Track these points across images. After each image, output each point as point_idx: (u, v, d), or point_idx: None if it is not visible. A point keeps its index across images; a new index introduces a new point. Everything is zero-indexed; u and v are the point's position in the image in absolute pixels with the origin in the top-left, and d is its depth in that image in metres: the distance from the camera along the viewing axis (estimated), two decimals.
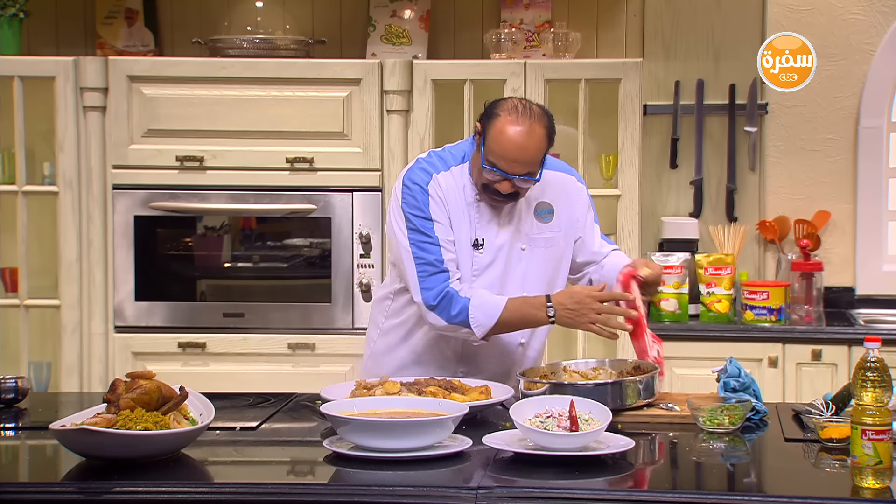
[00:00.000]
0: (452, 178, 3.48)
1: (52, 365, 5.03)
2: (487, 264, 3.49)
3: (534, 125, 3.33)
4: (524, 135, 3.32)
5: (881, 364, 2.59)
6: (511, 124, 3.32)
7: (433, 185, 3.45)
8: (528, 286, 3.51)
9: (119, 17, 5.40)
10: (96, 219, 4.99)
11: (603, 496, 2.59)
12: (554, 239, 3.55)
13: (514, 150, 3.32)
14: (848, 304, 5.29)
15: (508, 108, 3.35)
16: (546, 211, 3.54)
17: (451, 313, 3.38)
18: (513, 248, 3.51)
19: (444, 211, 3.44)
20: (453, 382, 3.28)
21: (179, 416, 2.88)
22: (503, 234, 3.49)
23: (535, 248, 3.52)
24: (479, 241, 3.48)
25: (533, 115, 3.34)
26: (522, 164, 3.35)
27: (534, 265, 3.52)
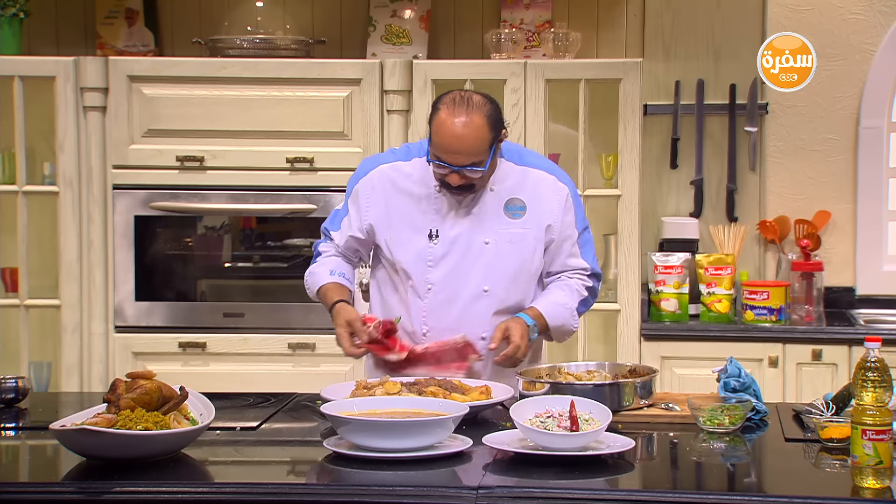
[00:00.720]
0: (412, 168, 3.52)
1: (52, 365, 5.03)
2: (442, 255, 3.50)
3: (472, 115, 3.35)
4: (462, 125, 3.34)
5: (881, 364, 2.59)
6: (449, 116, 3.35)
7: (372, 175, 3.57)
8: (491, 280, 3.51)
9: (119, 17, 5.40)
10: (96, 219, 4.99)
11: (603, 496, 2.59)
12: (522, 235, 3.52)
13: (453, 141, 3.34)
14: (848, 304, 5.29)
15: (447, 101, 3.39)
16: (518, 207, 3.53)
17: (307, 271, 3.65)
18: (473, 241, 3.50)
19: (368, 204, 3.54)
20: (453, 382, 3.29)
21: (180, 416, 2.88)
22: (460, 226, 3.50)
23: (500, 243, 3.51)
24: (434, 233, 3.50)
25: (471, 105, 3.36)
26: (464, 155, 3.36)
27: (498, 259, 3.51)
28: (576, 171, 5.00)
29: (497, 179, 3.51)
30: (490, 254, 3.51)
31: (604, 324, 5.15)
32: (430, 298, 3.50)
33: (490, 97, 3.45)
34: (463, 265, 3.50)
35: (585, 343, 5.03)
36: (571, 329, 3.58)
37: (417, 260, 3.50)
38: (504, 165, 3.53)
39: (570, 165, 5.06)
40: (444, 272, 3.50)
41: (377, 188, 3.54)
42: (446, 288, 3.50)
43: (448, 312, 3.50)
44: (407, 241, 3.51)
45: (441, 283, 3.50)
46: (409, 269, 3.51)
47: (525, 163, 3.56)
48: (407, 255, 3.51)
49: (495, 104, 3.43)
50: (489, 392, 3.26)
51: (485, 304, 3.50)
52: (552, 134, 5.05)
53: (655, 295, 5.06)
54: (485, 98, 3.41)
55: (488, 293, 3.50)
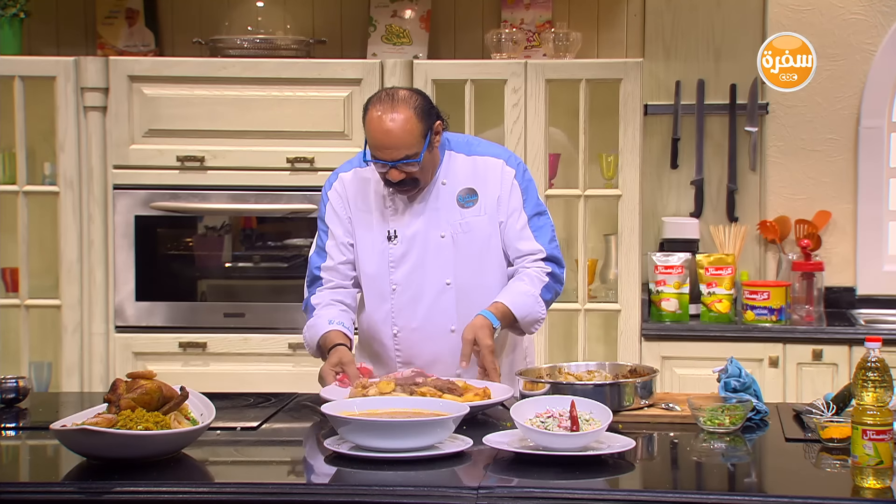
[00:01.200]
0: (370, 172, 3.55)
1: (52, 365, 5.02)
2: (402, 255, 3.52)
3: (397, 108, 3.38)
4: (388, 120, 3.38)
5: (882, 364, 2.59)
6: (374, 114, 3.40)
7: (336, 185, 3.62)
8: (452, 273, 3.52)
9: (120, 17, 5.40)
10: (97, 219, 4.99)
11: (604, 496, 2.59)
12: (474, 223, 3.53)
13: (382, 136, 3.39)
14: (849, 304, 5.29)
15: (374, 100, 3.44)
16: (469, 196, 3.54)
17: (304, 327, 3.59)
18: (429, 237, 3.52)
19: (344, 211, 3.57)
20: (453, 383, 3.28)
21: (180, 416, 2.88)
22: (416, 223, 3.52)
23: (456, 235, 3.53)
24: (392, 233, 3.53)
25: (396, 99, 3.40)
26: (396, 149, 3.39)
27: (457, 251, 3.53)
28: (576, 171, 5.00)
29: (448, 173, 3.55)
30: (447, 247, 3.53)
31: (604, 324, 5.15)
32: (395, 299, 3.54)
33: (418, 90, 3.50)
34: (423, 262, 3.53)
35: (586, 343, 5.03)
36: (539, 317, 3.53)
37: (380, 262, 3.54)
38: (454, 158, 3.56)
39: (571, 165, 5.07)
40: (405, 271, 3.53)
41: (343, 195, 3.60)
42: (410, 286, 3.53)
43: (415, 310, 3.53)
44: (368, 245, 3.55)
45: (404, 282, 3.53)
46: (373, 272, 3.55)
47: (474, 152, 3.58)
48: (370, 258, 3.55)
49: (424, 96, 3.46)
50: (487, 393, 3.25)
51: (449, 296, 3.53)
52: (552, 134, 5.05)
53: (656, 295, 5.06)
54: (412, 92, 3.46)
55: (451, 286, 3.53)
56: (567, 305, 4.96)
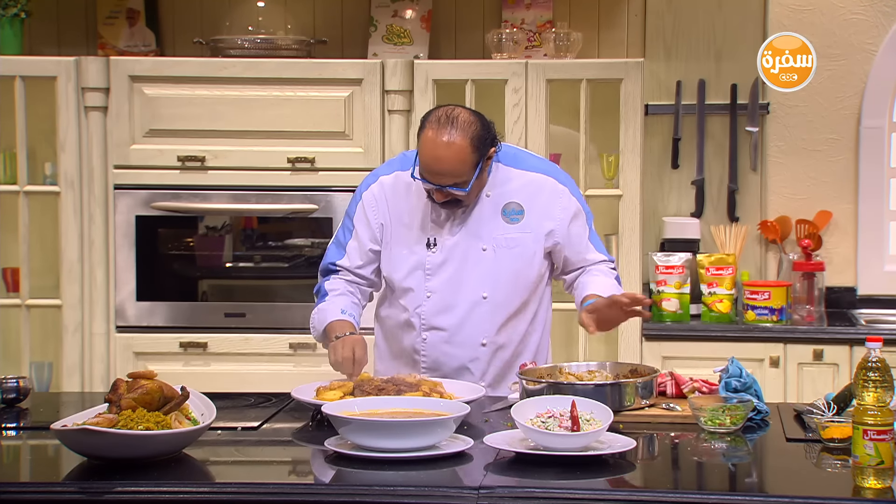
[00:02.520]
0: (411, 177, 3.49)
1: (53, 365, 5.02)
2: (440, 264, 3.50)
3: (454, 136, 3.33)
4: (442, 147, 3.32)
5: (883, 364, 2.59)
6: (432, 136, 3.34)
7: (374, 187, 3.58)
8: (489, 287, 3.51)
9: (120, 17, 5.40)
10: (98, 219, 4.99)
11: (604, 496, 2.59)
12: (520, 240, 3.51)
13: (434, 162, 3.34)
14: (849, 304, 5.29)
15: (433, 120, 3.37)
16: (515, 212, 3.52)
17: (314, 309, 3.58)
18: (470, 249, 3.50)
19: (376, 216, 3.55)
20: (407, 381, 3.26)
21: (181, 416, 2.88)
22: (458, 234, 3.50)
23: (498, 249, 3.51)
24: (432, 241, 3.51)
25: (454, 125, 3.34)
26: (445, 176, 3.36)
27: (497, 265, 3.51)
28: (577, 171, 5.00)
29: (494, 184, 3.51)
30: (488, 260, 3.51)
31: None
32: (428, 305, 3.51)
33: (479, 114, 3.42)
34: (461, 272, 3.50)
35: (587, 343, 5.03)
36: None
37: (416, 268, 3.52)
38: (500, 170, 3.52)
39: (571, 165, 5.06)
40: (442, 280, 3.51)
41: (380, 199, 3.55)
42: (445, 296, 3.51)
43: (446, 319, 3.51)
44: (406, 250, 3.52)
45: (440, 290, 3.51)
46: (407, 277, 3.52)
47: (522, 166, 3.55)
48: (405, 263, 3.53)
49: (484, 122, 3.40)
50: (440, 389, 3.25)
51: (484, 310, 3.51)
52: (553, 134, 5.05)
53: (657, 295, 5.06)
54: (473, 116, 3.39)
55: (487, 299, 3.51)
56: (567, 305, 4.93)
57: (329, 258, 3.62)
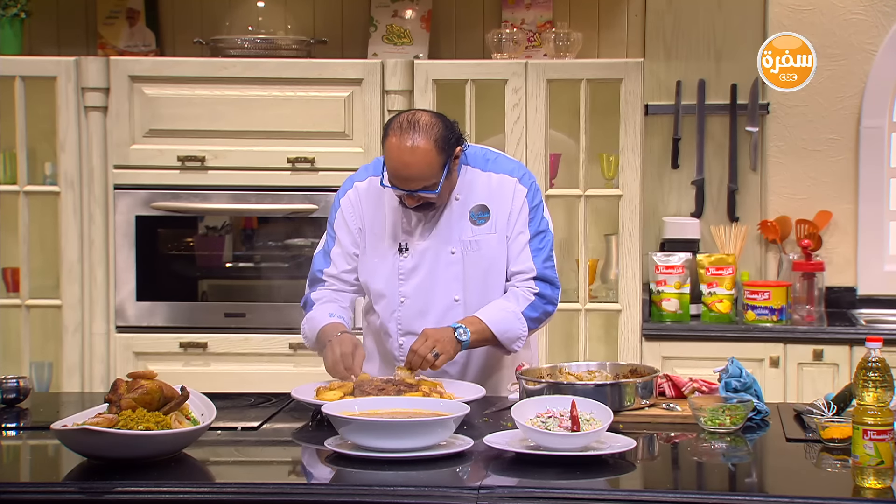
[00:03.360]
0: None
1: (53, 365, 5.01)
2: (412, 268, 3.51)
3: (417, 140, 3.33)
4: (407, 152, 3.33)
5: (883, 364, 2.59)
6: (396, 143, 3.35)
7: (350, 194, 3.60)
8: (461, 289, 3.51)
9: (120, 17, 5.40)
10: (98, 219, 4.99)
11: (604, 496, 2.59)
12: (486, 241, 3.51)
13: (402, 167, 3.35)
14: (849, 304, 5.29)
15: (395, 127, 3.37)
16: (481, 213, 3.52)
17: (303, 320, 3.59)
18: (440, 253, 3.51)
19: (353, 223, 3.55)
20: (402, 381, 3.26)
21: (181, 416, 2.88)
22: (428, 238, 3.51)
23: (467, 252, 3.51)
24: (403, 246, 3.52)
25: (417, 130, 3.34)
26: (414, 180, 3.36)
27: (466, 268, 3.51)
28: (577, 172, 5.00)
29: (462, 188, 3.51)
30: (457, 263, 3.51)
31: (605, 324, 5.15)
32: (403, 310, 3.52)
33: (440, 115, 3.42)
34: (433, 276, 3.51)
35: (587, 343, 5.03)
36: (520, 334, 3.47)
37: (390, 273, 3.53)
38: (469, 172, 3.53)
39: (571, 165, 5.07)
40: (414, 284, 3.52)
41: (356, 204, 3.57)
42: (418, 300, 3.51)
43: (422, 323, 3.50)
44: (379, 255, 3.53)
45: (413, 295, 3.52)
46: (382, 283, 3.53)
47: (489, 168, 3.54)
48: (379, 269, 3.54)
49: (446, 122, 3.40)
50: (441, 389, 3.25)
51: (457, 313, 3.50)
52: (553, 134, 5.05)
53: (656, 295, 5.06)
54: (435, 118, 3.39)
55: (459, 302, 3.52)
56: (568, 305, 4.96)
57: (316, 267, 3.63)
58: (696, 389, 3.33)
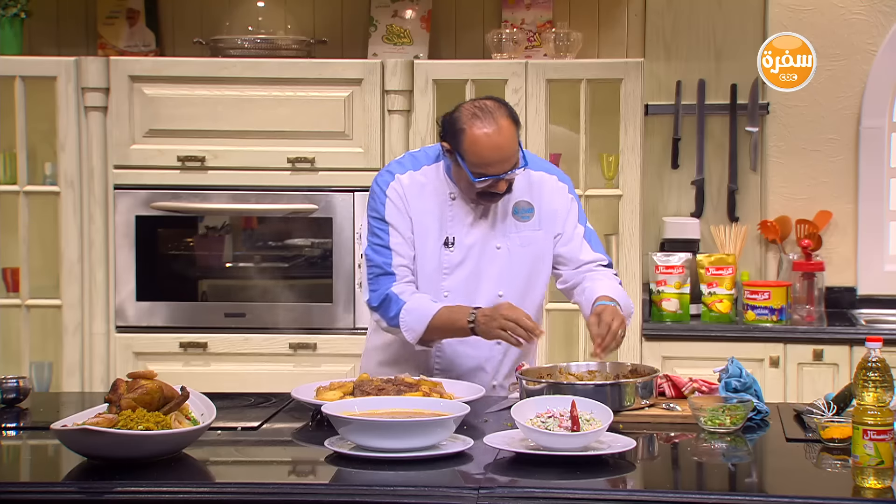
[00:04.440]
0: (424, 177, 3.51)
1: (53, 365, 5.02)
2: (458, 263, 3.51)
3: (500, 121, 3.36)
4: (496, 134, 3.34)
5: (883, 364, 2.59)
6: (481, 132, 3.34)
7: (394, 185, 3.51)
8: (505, 285, 3.52)
9: (120, 17, 5.40)
10: (98, 219, 4.99)
11: (604, 496, 2.59)
12: (532, 237, 3.54)
13: (495, 152, 3.35)
14: (849, 304, 5.29)
15: (469, 117, 3.37)
16: (525, 210, 3.54)
17: (389, 315, 3.44)
18: (486, 247, 3.51)
19: (404, 212, 3.49)
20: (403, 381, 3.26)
21: (181, 416, 2.88)
22: (475, 232, 3.51)
23: (512, 247, 3.52)
24: (450, 240, 3.50)
25: (494, 112, 3.36)
26: (507, 161, 3.38)
27: (511, 264, 3.52)
28: (577, 171, 5.00)
29: None
30: (503, 258, 3.52)
31: None
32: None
33: (498, 98, 3.45)
34: (478, 271, 3.51)
35: (587, 343, 5.02)
36: (632, 310, 3.56)
37: (435, 268, 3.51)
38: None
39: (571, 165, 5.06)
40: (459, 279, 3.51)
41: (402, 196, 3.51)
42: (462, 294, 3.49)
43: None
44: (424, 249, 3.51)
45: (457, 290, 3.50)
46: (425, 278, 3.51)
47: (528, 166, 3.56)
48: (424, 264, 3.51)
49: (507, 103, 3.45)
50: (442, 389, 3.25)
51: None
52: (553, 134, 5.05)
53: (656, 295, 5.06)
54: (497, 101, 3.42)
55: (503, 298, 3.50)
56: (567, 305, 4.94)
57: (378, 261, 3.48)
58: (695, 389, 3.33)
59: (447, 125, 3.43)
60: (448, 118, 3.44)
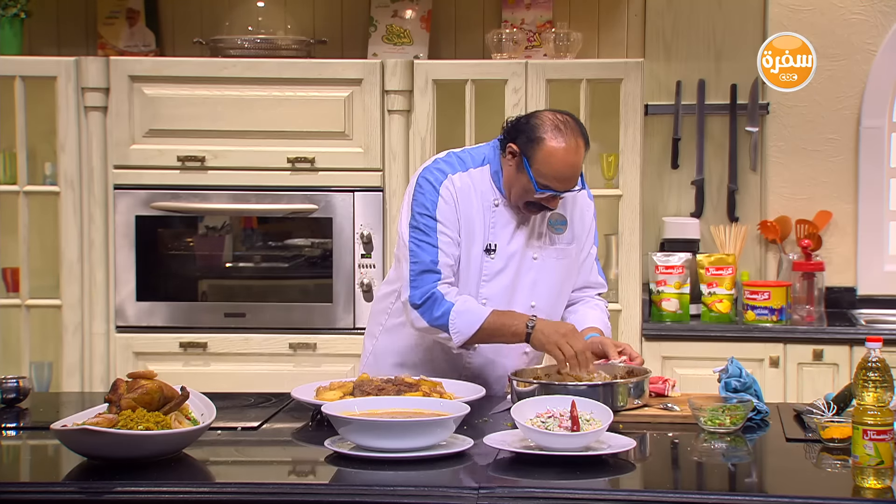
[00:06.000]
0: (470, 180, 3.47)
1: (53, 365, 5.01)
2: (498, 270, 3.49)
3: (578, 140, 3.36)
4: (574, 153, 3.35)
5: (882, 364, 2.59)
6: (559, 146, 3.33)
7: (447, 184, 3.44)
8: (537, 296, 3.52)
9: (120, 17, 5.40)
10: (97, 219, 4.99)
11: (604, 496, 2.59)
12: (566, 251, 3.56)
13: (568, 170, 3.36)
14: (849, 305, 5.29)
15: (550, 129, 3.35)
16: (560, 222, 3.55)
17: (434, 315, 3.39)
18: (524, 257, 3.51)
19: (454, 212, 3.44)
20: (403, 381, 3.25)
21: (181, 416, 2.88)
22: (516, 241, 3.50)
23: (546, 259, 3.52)
24: (492, 247, 3.48)
25: (573, 130, 3.36)
26: (572, 180, 3.39)
27: (544, 275, 3.52)
28: None
29: None
30: (537, 269, 3.52)
31: None
32: None
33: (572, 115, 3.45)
34: (515, 280, 3.50)
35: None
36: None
37: (475, 274, 3.48)
38: None
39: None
40: (498, 287, 3.49)
41: (454, 195, 3.45)
42: (498, 303, 3.48)
43: None
44: (468, 254, 3.47)
45: (495, 298, 3.48)
46: (464, 283, 3.48)
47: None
48: (467, 268, 3.48)
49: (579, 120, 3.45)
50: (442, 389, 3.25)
51: None
52: None
53: (656, 295, 5.06)
54: (573, 118, 3.41)
55: (535, 308, 3.50)
56: None
57: (425, 258, 3.40)
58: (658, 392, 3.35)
59: (522, 129, 3.39)
60: (525, 123, 3.40)
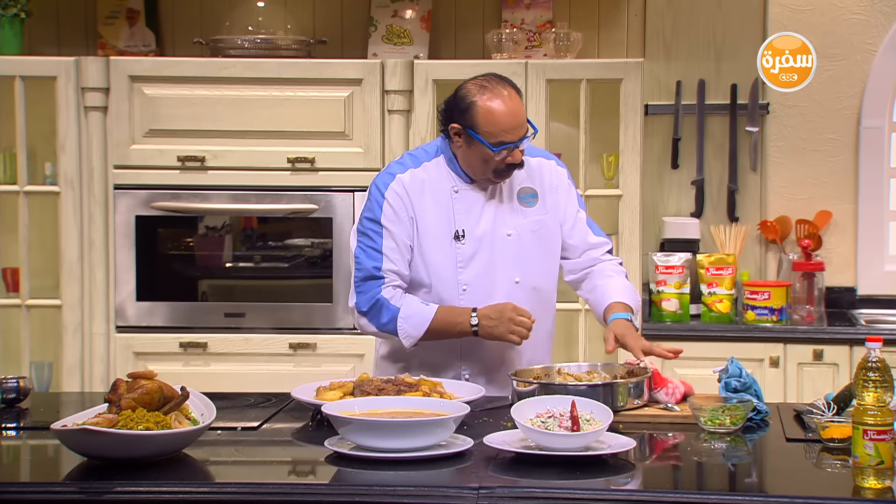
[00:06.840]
0: (425, 174, 3.52)
1: (53, 365, 5.01)
2: (471, 255, 3.51)
3: (507, 89, 3.44)
4: (509, 100, 3.42)
5: (883, 364, 2.59)
6: (493, 100, 3.41)
7: (394, 185, 3.50)
8: (519, 271, 3.53)
9: (120, 17, 5.40)
10: (98, 219, 4.99)
11: (604, 496, 2.59)
12: (541, 221, 3.57)
13: (510, 118, 3.40)
14: (849, 305, 5.29)
15: (477, 91, 3.43)
16: (530, 195, 3.57)
17: (382, 321, 3.46)
18: (497, 236, 3.52)
19: (405, 210, 3.49)
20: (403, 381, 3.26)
21: (181, 416, 2.88)
22: (485, 222, 3.52)
23: (522, 233, 3.54)
24: (461, 233, 3.51)
25: (499, 82, 3.45)
26: (521, 127, 3.43)
27: (524, 249, 3.54)
28: (577, 171, 4.99)
29: None
30: (514, 245, 3.54)
31: None
32: (466, 299, 3.50)
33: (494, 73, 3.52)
34: (492, 261, 3.52)
35: (586, 343, 5.02)
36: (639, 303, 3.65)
37: (448, 262, 3.51)
38: None
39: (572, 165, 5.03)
40: (475, 271, 3.51)
41: (403, 195, 3.50)
42: (481, 286, 3.51)
43: None
44: (435, 245, 3.51)
45: (474, 282, 3.51)
46: (440, 274, 3.51)
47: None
48: (437, 260, 3.51)
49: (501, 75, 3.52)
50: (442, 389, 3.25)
51: (519, 296, 3.51)
52: (553, 134, 5.05)
53: (656, 295, 5.06)
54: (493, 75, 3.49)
55: (520, 284, 3.53)
56: (568, 305, 4.95)
57: (368, 265, 3.46)
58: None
59: (452, 106, 3.48)
60: (452, 100, 3.49)
